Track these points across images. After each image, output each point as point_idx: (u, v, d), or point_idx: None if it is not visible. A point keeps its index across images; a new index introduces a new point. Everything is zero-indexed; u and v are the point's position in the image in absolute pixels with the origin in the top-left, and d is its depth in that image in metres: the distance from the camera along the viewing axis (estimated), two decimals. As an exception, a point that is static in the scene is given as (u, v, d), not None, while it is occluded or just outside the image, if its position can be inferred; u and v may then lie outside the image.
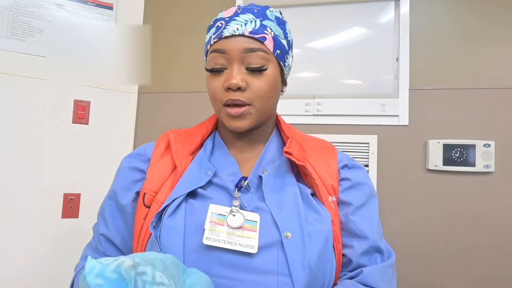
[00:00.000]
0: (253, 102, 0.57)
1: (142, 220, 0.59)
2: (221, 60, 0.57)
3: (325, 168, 0.62)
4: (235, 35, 0.56)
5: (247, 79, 0.57)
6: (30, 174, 1.40)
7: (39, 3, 1.46)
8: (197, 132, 0.67)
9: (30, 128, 1.42)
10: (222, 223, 0.53)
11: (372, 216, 0.60)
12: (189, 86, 1.65)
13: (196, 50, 1.67)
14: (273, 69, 0.59)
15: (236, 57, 0.56)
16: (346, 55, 1.52)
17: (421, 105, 1.40)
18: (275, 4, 1.59)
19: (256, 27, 0.57)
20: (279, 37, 0.59)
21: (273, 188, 0.57)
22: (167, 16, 1.72)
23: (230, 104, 0.57)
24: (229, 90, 0.56)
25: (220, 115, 0.61)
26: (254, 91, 0.57)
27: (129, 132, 1.65)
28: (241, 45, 0.56)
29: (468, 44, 1.38)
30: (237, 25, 0.56)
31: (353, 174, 0.64)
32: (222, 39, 0.57)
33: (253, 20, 0.57)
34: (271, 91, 0.59)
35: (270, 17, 0.59)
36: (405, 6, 1.45)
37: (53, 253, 1.42)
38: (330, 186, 0.61)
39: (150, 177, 0.61)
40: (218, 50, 0.57)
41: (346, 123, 1.46)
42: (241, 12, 0.58)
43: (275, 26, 0.59)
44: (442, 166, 1.33)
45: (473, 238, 1.30)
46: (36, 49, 1.45)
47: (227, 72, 0.57)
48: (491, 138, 1.32)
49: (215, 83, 0.58)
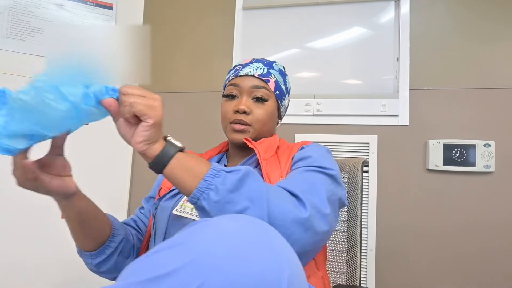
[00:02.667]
0: (253, 124, 0.75)
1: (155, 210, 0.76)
2: (234, 90, 0.77)
3: (286, 159, 0.71)
4: (248, 75, 0.77)
5: (251, 106, 0.76)
6: (30, 174, 1.40)
7: (39, 3, 1.46)
8: (208, 153, 0.86)
9: (30, 128, 1.42)
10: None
11: (297, 173, 0.65)
12: (189, 86, 1.65)
13: (196, 51, 1.67)
14: (272, 104, 0.78)
15: (246, 90, 0.76)
16: (346, 55, 1.52)
17: (421, 105, 1.40)
18: (276, 4, 1.59)
19: (264, 72, 0.78)
20: (279, 82, 0.80)
21: None
22: (167, 16, 1.72)
23: (236, 122, 0.75)
24: (237, 112, 0.75)
25: (226, 130, 0.78)
26: (255, 116, 0.75)
27: (129, 132, 1.64)
28: (251, 82, 0.76)
29: (468, 44, 1.38)
30: (250, 69, 0.78)
31: (298, 153, 0.72)
32: (238, 77, 0.78)
33: (262, 67, 0.78)
34: (268, 119, 0.77)
35: (275, 68, 0.81)
36: (405, 6, 1.45)
37: (53, 253, 1.42)
38: (285, 173, 0.69)
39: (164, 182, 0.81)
40: (234, 84, 0.78)
41: (346, 123, 1.46)
42: (255, 61, 0.80)
43: (278, 74, 0.80)
44: (442, 166, 1.33)
45: (473, 238, 1.30)
46: (36, 49, 1.44)
47: (237, 100, 0.77)
48: (491, 138, 1.32)
49: (227, 107, 0.77)
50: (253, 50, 1.63)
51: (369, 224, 1.39)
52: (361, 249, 0.86)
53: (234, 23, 1.63)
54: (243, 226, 0.38)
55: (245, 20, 1.64)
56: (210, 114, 1.59)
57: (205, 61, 1.65)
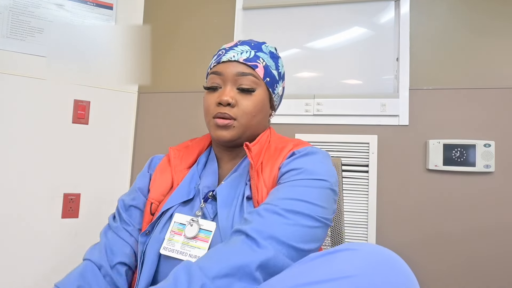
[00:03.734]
0: (239, 117, 0.65)
1: (146, 225, 0.66)
2: (217, 80, 0.67)
3: (270, 170, 0.63)
4: (231, 60, 0.66)
5: (237, 97, 0.66)
6: (30, 174, 1.40)
7: (39, 3, 1.46)
8: (195, 148, 0.76)
9: (30, 128, 1.42)
10: (180, 233, 0.60)
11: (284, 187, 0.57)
12: (189, 86, 1.65)
13: (196, 51, 1.67)
14: (262, 93, 0.67)
15: (230, 78, 0.66)
16: (346, 55, 1.52)
17: (421, 105, 1.40)
18: (276, 4, 1.59)
19: (250, 56, 0.67)
20: (270, 67, 0.69)
21: (225, 198, 0.62)
22: (167, 16, 1.72)
23: (219, 117, 0.65)
24: (220, 105, 0.65)
25: (209, 126, 0.68)
26: (241, 108, 0.65)
27: (129, 132, 1.65)
28: (235, 69, 0.66)
29: (468, 44, 1.38)
30: (234, 53, 0.67)
31: (293, 162, 0.62)
32: (220, 63, 0.67)
33: (249, 51, 0.68)
34: (256, 111, 0.67)
35: (265, 50, 0.70)
36: (405, 6, 1.45)
37: (53, 253, 1.42)
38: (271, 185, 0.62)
39: (155, 189, 0.69)
40: (216, 72, 0.67)
41: (346, 123, 1.46)
42: (240, 44, 0.69)
43: (268, 58, 0.69)
44: (442, 166, 1.33)
45: (473, 238, 1.30)
46: (36, 49, 1.45)
47: (220, 91, 0.67)
48: (491, 138, 1.32)
49: (209, 99, 0.67)
50: (253, 50, 1.62)
51: (369, 224, 1.39)
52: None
53: (234, 23, 1.63)
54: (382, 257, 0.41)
55: (245, 20, 1.64)
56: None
57: (205, 61, 1.65)
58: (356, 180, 1.42)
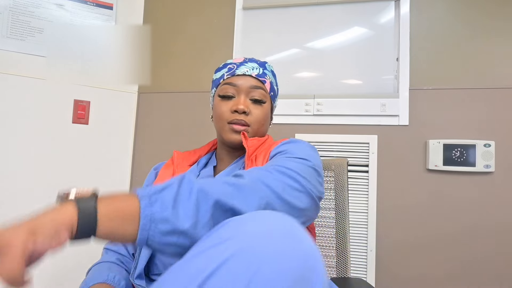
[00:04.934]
0: (252, 124, 0.75)
1: None
2: (231, 90, 0.76)
3: (263, 159, 0.69)
4: (246, 75, 0.76)
5: (250, 107, 0.75)
6: (30, 174, 1.40)
7: (39, 3, 1.46)
8: (197, 152, 0.85)
9: (30, 128, 1.41)
10: None
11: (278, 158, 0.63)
12: (189, 86, 1.65)
13: (196, 51, 1.67)
14: (268, 105, 0.78)
15: (244, 90, 0.75)
16: (346, 55, 1.52)
17: (421, 105, 1.40)
18: (276, 4, 1.59)
19: (260, 72, 0.77)
20: (273, 83, 0.80)
21: None
22: (167, 16, 1.72)
23: (235, 123, 0.74)
24: (235, 112, 0.74)
25: (222, 131, 0.76)
26: (254, 117, 0.75)
27: (129, 132, 1.65)
28: (249, 82, 0.76)
29: (468, 44, 1.38)
30: (246, 68, 0.77)
31: (277, 148, 0.69)
32: (235, 76, 0.76)
33: (258, 68, 0.78)
34: (264, 120, 0.77)
35: (268, 68, 0.80)
36: (405, 6, 1.45)
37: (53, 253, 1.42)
38: None
39: (156, 182, 0.76)
40: (231, 83, 0.76)
41: (346, 123, 1.46)
42: (248, 61, 0.79)
43: (271, 75, 0.80)
44: (442, 166, 1.33)
45: (473, 238, 1.30)
46: (36, 49, 1.45)
47: (234, 100, 0.75)
48: (491, 138, 1.32)
49: (224, 107, 0.75)
50: (253, 50, 1.63)
51: (369, 224, 1.39)
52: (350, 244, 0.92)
53: (234, 23, 1.63)
54: (276, 219, 0.40)
55: (245, 20, 1.64)
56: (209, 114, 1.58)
57: (206, 61, 1.65)
58: (356, 180, 1.42)
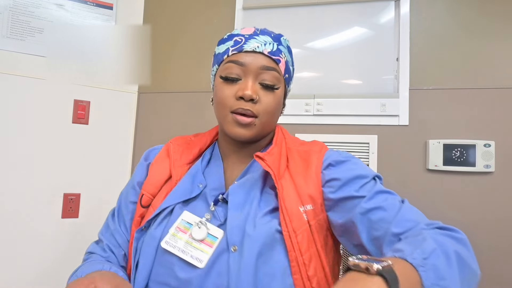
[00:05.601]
0: (260, 115, 0.61)
1: (139, 219, 0.66)
2: (237, 70, 0.61)
3: (303, 175, 0.62)
4: (256, 51, 0.61)
5: (259, 93, 0.61)
6: (30, 174, 1.40)
7: (39, 3, 1.46)
8: (197, 143, 0.71)
9: (30, 128, 1.41)
10: (185, 231, 0.58)
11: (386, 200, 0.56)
12: (189, 86, 1.65)
13: (196, 51, 1.67)
14: (281, 91, 0.64)
15: (253, 71, 0.61)
16: (346, 55, 1.52)
17: (421, 105, 1.40)
18: (276, 4, 1.59)
19: (274, 49, 0.62)
20: (288, 63, 0.65)
21: (237, 201, 0.60)
22: (167, 16, 1.72)
23: (239, 113, 0.60)
24: (241, 99, 0.60)
25: (224, 121, 0.63)
26: (264, 106, 0.61)
27: (129, 132, 1.65)
28: (260, 62, 0.61)
29: (468, 44, 1.38)
30: (258, 43, 0.61)
31: (339, 171, 0.62)
32: (242, 52, 0.61)
33: (272, 43, 0.62)
34: (277, 109, 0.64)
35: (284, 44, 0.65)
36: (405, 6, 1.45)
37: (53, 253, 1.42)
38: (306, 195, 0.60)
39: (148, 180, 0.68)
40: (237, 61, 0.61)
41: (346, 123, 1.46)
42: (260, 33, 0.64)
43: (287, 53, 0.65)
44: (442, 166, 1.33)
45: (473, 238, 1.30)
46: (36, 49, 1.44)
47: (240, 83, 0.61)
48: (491, 138, 1.32)
49: (226, 91, 0.61)
50: (253, 50, 1.62)
51: (369, 224, 1.38)
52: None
53: (234, 23, 1.63)
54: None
55: (245, 20, 1.64)
56: (210, 114, 1.59)
57: (206, 61, 1.65)
58: (356, 180, 1.42)
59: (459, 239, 0.49)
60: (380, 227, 0.53)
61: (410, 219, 0.52)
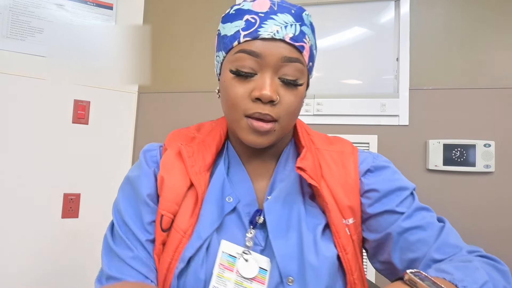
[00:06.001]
0: (281, 118, 0.50)
1: (159, 246, 0.52)
2: (251, 63, 0.48)
3: (341, 184, 0.54)
4: (275, 38, 0.47)
5: (279, 91, 0.49)
6: (30, 174, 1.40)
7: (39, 3, 1.46)
8: (211, 142, 0.57)
9: (30, 128, 1.41)
10: (231, 268, 0.48)
11: (425, 219, 0.52)
12: (189, 86, 1.65)
13: (196, 50, 1.67)
14: (305, 84, 0.52)
15: (272, 64, 0.48)
16: (346, 55, 1.52)
17: (421, 105, 1.40)
18: (275, 4, 1.59)
19: (296, 33, 0.48)
20: (312, 47, 0.52)
21: (278, 220, 0.51)
22: (167, 16, 1.72)
23: (256, 118, 0.49)
24: (258, 100, 0.48)
25: (237, 126, 0.51)
26: (285, 107, 0.49)
27: (129, 132, 1.65)
28: (280, 52, 0.47)
29: (468, 44, 1.38)
30: (277, 27, 0.47)
31: (378, 180, 0.55)
32: (258, 39, 0.47)
33: (293, 24, 0.48)
34: (299, 108, 0.53)
35: (307, 22, 0.51)
36: (405, 6, 1.45)
37: (53, 253, 1.42)
38: (346, 207, 0.53)
39: (165, 196, 0.52)
40: (251, 52, 0.47)
41: (346, 123, 1.46)
42: (278, 9, 0.48)
43: (311, 34, 0.52)
44: (442, 166, 1.33)
45: (473, 238, 1.30)
46: (36, 49, 1.44)
47: (256, 79, 0.49)
48: (491, 138, 1.32)
49: (239, 89, 0.49)
50: (253, 50, 1.63)
51: (369, 224, 1.38)
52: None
53: (234, 23, 1.63)
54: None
55: (245, 20, 1.64)
56: (210, 114, 1.59)
57: (206, 61, 1.65)
58: (356, 180, 1.42)
59: (503, 272, 0.46)
60: (418, 249, 0.49)
61: (452, 244, 0.49)
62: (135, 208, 0.54)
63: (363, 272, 0.55)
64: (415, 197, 0.56)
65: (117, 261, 0.50)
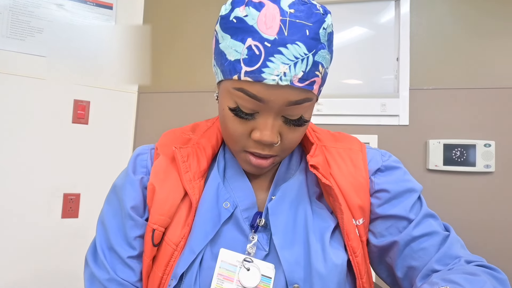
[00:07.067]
0: (281, 153, 0.48)
1: (149, 261, 0.49)
2: (252, 105, 0.43)
3: (351, 183, 0.51)
4: (281, 86, 0.41)
5: (281, 130, 0.46)
6: (30, 174, 1.40)
7: (39, 3, 1.46)
8: (206, 144, 0.54)
9: (30, 128, 1.41)
10: (231, 278, 0.45)
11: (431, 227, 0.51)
12: (189, 86, 1.65)
13: (196, 50, 1.67)
14: (311, 112, 0.48)
15: (276, 108, 0.43)
16: (346, 55, 1.52)
17: (421, 105, 1.40)
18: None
19: (307, 68, 0.41)
20: (327, 69, 0.45)
21: (283, 223, 0.49)
22: (167, 16, 1.72)
23: (257, 155, 0.47)
24: (258, 142, 0.46)
25: (235, 154, 0.50)
26: (286, 144, 0.47)
27: (129, 132, 1.65)
28: (286, 98, 0.42)
29: (468, 44, 1.38)
30: (285, 67, 0.40)
31: (388, 180, 0.53)
32: (262, 83, 0.41)
33: (305, 58, 0.40)
34: (301, 138, 0.49)
35: (323, 39, 0.42)
36: (405, 6, 1.45)
37: (53, 253, 1.42)
38: (357, 207, 0.51)
39: (156, 208, 0.49)
40: (253, 96, 0.42)
41: (346, 123, 1.46)
42: (289, 33, 0.40)
43: (326, 54, 0.44)
44: (442, 166, 1.33)
45: (473, 238, 1.30)
46: (36, 49, 1.44)
47: (257, 120, 0.45)
48: (492, 138, 1.32)
49: (238, 127, 0.45)
50: (253, 50, 1.62)
51: (369, 224, 1.38)
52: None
53: (234, 23, 1.63)
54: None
55: (245, 20, 1.64)
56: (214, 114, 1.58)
57: (205, 61, 1.65)
58: (356, 180, 1.42)
59: (502, 281, 0.46)
60: (420, 258, 0.49)
61: (454, 255, 0.49)
62: (118, 221, 0.52)
63: (371, 274, 0.54)
64: (422, 201, 0.55)
65: (97, 284, 0.49)
